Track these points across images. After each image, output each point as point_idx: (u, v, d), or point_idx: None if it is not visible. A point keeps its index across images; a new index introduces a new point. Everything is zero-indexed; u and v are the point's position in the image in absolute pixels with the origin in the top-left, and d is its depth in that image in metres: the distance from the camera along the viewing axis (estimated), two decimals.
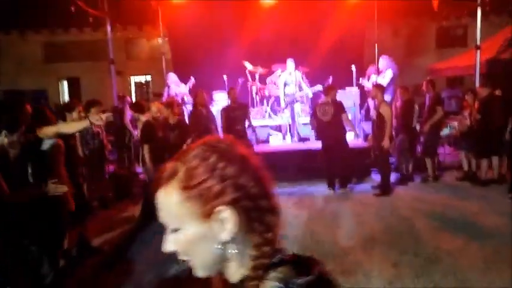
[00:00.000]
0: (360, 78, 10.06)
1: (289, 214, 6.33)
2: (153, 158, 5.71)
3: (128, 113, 8.11)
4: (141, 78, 17.25)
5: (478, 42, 9.93)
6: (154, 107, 6.19)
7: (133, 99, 13.99)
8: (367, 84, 9.68)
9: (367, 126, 8.91)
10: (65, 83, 16.94)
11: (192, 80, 10.00)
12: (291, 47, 10.99)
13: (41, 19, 14.28)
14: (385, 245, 5.03)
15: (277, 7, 10.70)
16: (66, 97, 16.89)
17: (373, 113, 7.50)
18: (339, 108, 7.23)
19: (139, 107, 6.69)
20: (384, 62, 9.69)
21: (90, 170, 6.18)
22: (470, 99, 7.75)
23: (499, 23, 14.46)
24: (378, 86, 7.51)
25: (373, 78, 9.90)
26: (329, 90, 7.40)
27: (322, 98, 7.49)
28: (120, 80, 11.10)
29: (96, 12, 9.68)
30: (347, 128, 7.45)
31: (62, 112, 5.05)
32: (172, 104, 6.40)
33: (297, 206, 6.74)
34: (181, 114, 8.04)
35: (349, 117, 7.72)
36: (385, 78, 9.35)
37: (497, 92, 7.48)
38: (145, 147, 5.77)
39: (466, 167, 7.86)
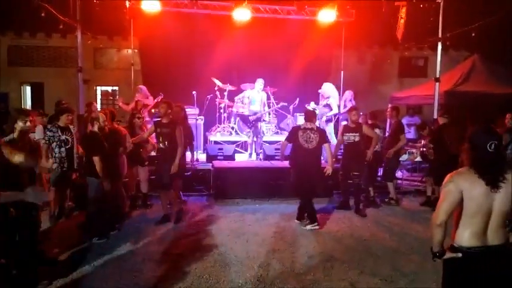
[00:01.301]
0: (312, 103, 10.39)
1: (251, 231, 6.42)
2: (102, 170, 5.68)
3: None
4: (108, 88, 17.04)
5: (438, 75, 10.46)
6: (102, 116, 6.13)
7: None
8: (312, 107, 10.14)
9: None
10: (28, 88, 16.50)
11: (161, 96, 10.00)
12: (261, 66, 11.26)
13: (7, 21, 13.96)
14: (344, 265, 5.18)
15: (249, 27, 10.92)
16: (28, 102, 16.44)
17: (349, 137, 7.38)
18: (323, 136, 6.81)
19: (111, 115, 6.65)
20: (328, 88, 10.12)
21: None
22: (426, 132, 8.22)
23: (457, 57, 15.30)
24: (356, 108, 7.65)
25: (312, 104, 10.30)
26: (312, 117, 6.92)
27: (305, 123, 6.80)
28: (86, 89, 10.96)
29: (67, 19, 9.57)
30: (324, 156, 7.17)
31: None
32: (107, 113, 6.27)
33: (260, 224, 6.82)
34: (143, 125, 7.93)
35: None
36: (334, 107, 9.97)
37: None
38: (96, 159, 5.62)
39: (429, 192, 8.18)
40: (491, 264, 2.66)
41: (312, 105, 10.34)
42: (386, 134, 8.84)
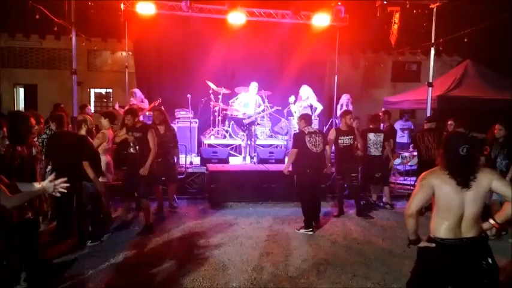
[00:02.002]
0: (292, 96, 10.45)
1: (245, 235, 6.43)
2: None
3: None
4: (102, 90, 17.01)
5: (431, 80, 10.54)
6: (89, 118, 6.05)
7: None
8: (293, 109, 10.30)
9: None
10: (21, 90, 16.44)
11: (159, 100, 10.01)
12: (256, 70, 11.32)
13: (1, 23, 13.90)
14: (337, 268, 5.20)
15: (244, 30, 10.97)
16: (21, 104, 16.38)
17: (344, 140, 7.39)
18: (325, 138, 7.00)
19: (111, 116, 6.60)
20: (305, 90, 10.20)
21: None
22: None
23: (450, 62, 15.45)
24: (350, 112, 7.81)
25: (292, 98, 10.37)
26: (310, 119, 7.04)
27: (307, 128, 6.74)
28: (79, 91, 10.93)
29: (61, 21, 9.55)
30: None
31: None
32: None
33: (253, 227, 6.84)
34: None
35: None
36: (318, 106, 10.13)
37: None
38: (85, 164, 5.56)
39: None
40: (463, 255, 2.96)
41: (291, 99, 10.35)
42: None
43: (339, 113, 10.68)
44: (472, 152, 2.99)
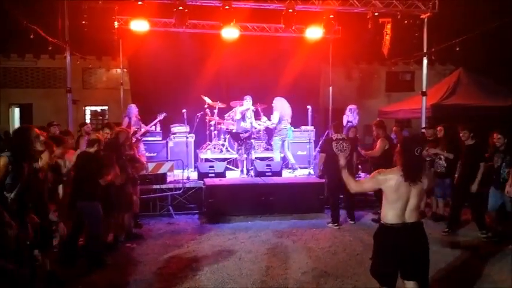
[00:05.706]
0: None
1: (244, 249, 6.39)
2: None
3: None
4: (97, 108, 17.04)
5: (424, 89, 10.62)
6: (100, 138, 5.92)
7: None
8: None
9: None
10: (17, 109, 16.44)
11: (164, 114, 9.96)
12: (251, 84, 11.36)
13: None
14: (337, 280, 5.18)
15: (238, 45, 11.04)
16: (17, 123, 16.34)
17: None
18: (354, 146, 7.26)
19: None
20: (275, 102, 10.16)
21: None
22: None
23: (443, 71, 15.58)
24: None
25: (264, 119, 10.61)
26: (340, 128, 7.52)
27: (336, 135, 7.34)
28: (74, 109, 10.95)
29: (55, 40, 9.60)
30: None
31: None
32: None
33: (252, 241, 6.80)
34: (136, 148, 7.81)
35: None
36: (274, 119, 10.04)
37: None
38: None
39: (433, 208, 8.20)
40: (407, 236, 3.59)
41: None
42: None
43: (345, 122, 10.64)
44: (422, 152, 3.65)
